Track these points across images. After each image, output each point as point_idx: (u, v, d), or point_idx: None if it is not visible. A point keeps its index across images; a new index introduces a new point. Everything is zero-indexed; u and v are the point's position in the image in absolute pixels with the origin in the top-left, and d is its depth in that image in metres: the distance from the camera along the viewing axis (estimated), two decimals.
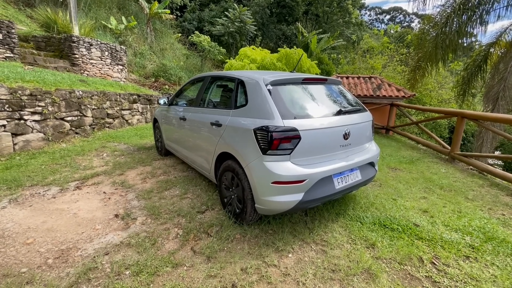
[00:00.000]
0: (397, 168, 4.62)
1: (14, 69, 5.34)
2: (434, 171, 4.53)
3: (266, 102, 2.29)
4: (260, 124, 2.22)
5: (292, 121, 2.18)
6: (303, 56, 10.62)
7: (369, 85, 8.63)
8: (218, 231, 2.50)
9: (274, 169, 2.13)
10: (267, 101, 2.28)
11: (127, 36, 13.79)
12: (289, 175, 2.11)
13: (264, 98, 2.32)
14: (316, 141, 2.27)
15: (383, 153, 5.56)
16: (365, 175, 2.68)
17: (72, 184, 3.52)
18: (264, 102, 2.30)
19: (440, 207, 3.13)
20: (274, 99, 2.30)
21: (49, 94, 4.96)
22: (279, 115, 2.19)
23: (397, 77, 14.55)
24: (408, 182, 3.93)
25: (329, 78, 2.81)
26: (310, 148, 2.25)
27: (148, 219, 2.73)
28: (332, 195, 2.36)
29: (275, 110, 2.21)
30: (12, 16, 9.70)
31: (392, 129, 8.03)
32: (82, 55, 8.53)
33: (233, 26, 18.77)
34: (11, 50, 6.68)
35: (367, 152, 2.79)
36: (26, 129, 4.58)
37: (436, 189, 3.73)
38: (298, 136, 2.16)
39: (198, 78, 3.64)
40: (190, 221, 2.69)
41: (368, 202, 3.16)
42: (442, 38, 8.36)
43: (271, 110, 2.22)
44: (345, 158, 2.51)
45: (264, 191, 2.20)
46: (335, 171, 2.36)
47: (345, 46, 24.25)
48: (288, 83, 2.51)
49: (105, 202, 3.09)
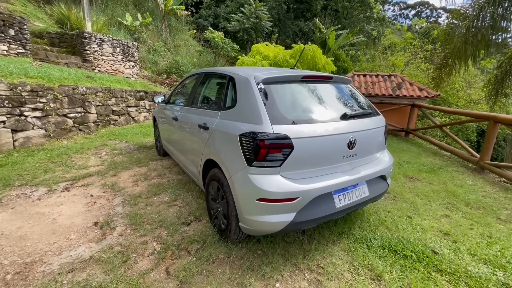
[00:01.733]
0: (415, 178, 4.11)
1: (20, 65, 5.34)
2: (459, 182, 3.98)
3: (255, 103, 1.95)
4: (246, 130, 1.90)
5: (284, 127, 1.83)
6: (315, 52, 10.09)
7: (388, 83, 8.00)
8: (200, 249, 2.21)
9: (260, 184, 1.79)
10: (256, 102, 1.95)
11: (142, 33, 13.87)
12: (277, 191, 1.77)
13: (253, 98, 1.98)
14: (313, 151, 1.91)
15: (400, 159, 5.03)
16: (374, 190, 2.28)
17: (62, 185, 3.37)
18: (253, 103, 1.96)
19: (465, 230, 2.66)
20: (266, 100, 1.96)
21: (51, 90, 4.90)
22: (269, 119, 1.84)
23: (421, 75, 13.59)
24: (428, 196, 3.45)
25: (335, 76, 2.42)
26: (306, 159, 1.89)
27: (128, 229, 2.49)
28: (332, 215, 1.99)
29: (264, 114, 1.87)
30: (30, 13, 9.93)
31: (413, 132, 7.40)
32: (94, 51, 8.56)
33: (248, 22, 18.41)
34: (23, 46, 6.76)
35: (378, 163, 2.38)
36: (26, 125, 4.53)
37: (461, 205, 3.22)
38: (290, 145, 1.81)
39: (192, 75, 3.36)
40: (172, 234, 2.41)
41: (378, 220, 2.74)
42: (473, 33, 7.55)
43: (260, 113, 1.88)
44: (349, 171, 2.13)
45: (248, 208, 1.88)
46: (336, 186, 1.99)
47: (365, 42, 23.15)
48: (284, 81, 2.15)
49: (89, 207, 2.90)
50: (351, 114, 2.14)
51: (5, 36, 6.34)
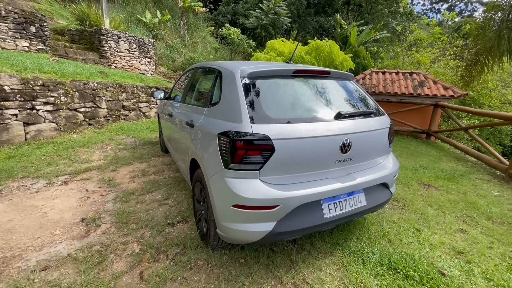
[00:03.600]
0: (431, 185, 3.74)
1: (37, 61, 5.54)
2: (482, 192, 3.56)
3: (236, 99, 1.78)
4: (225, 128, 1.73)
5: (265, 127, 1.65)
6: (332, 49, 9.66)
7: (410, 81, 7.45)
8: (179, 253, 2.09)
9: (236, 189, 1.63)
10: (237, 99, 1.78)
11: (160, 30, 14.09)
12: (254, 198, 1.59)
13: (236, 94, 1.81)
14: (298, 155, 1.70)
15: (416, 163, 4.63)
16: (372, 200, 2.03)
17: (61, 179, 3.41)
18: (235, 99, 1.79)
19: (483, 248, 2.32)
20: (249, 96, 1.78)
21: (62, 85, 5.02)
22: (249, 117, 1.67)
23: (449, 73, 12.62)
24: (442, 206, 3.10)
25: (334, 71, 2.18)
26: (289, 163, 1.70)
27: (113, 227, 2.44)
28: (319, 226, 1.78)
29: (244, 111, 1.70)
30: (55, 11, 10.39)
31: (435, 134, 6.84)
32: (111, 48, 8.78)
33: (267, 19, 18.15)
34: (43, 42, 7.04)
35: (379, 169, 2.12)
36: (38, 118, 4.68)
37: (481, 219, 2.85)
38: (270, 146, 1.62)
39: (188, 70, 3.25)
40: (155, 236, 2.32)
41: (380, 231, 2.48)
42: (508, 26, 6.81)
43: (240, 110, 1.71)
44: (342, 177, 1.90)
45: (223, 215, 1.72)
46: (326, 194, 1.78)
47: (390, 38, 22.01)
48: (272, 76, 1.96)
49: (82, 202, 2.89)
50: (345, 114, 1.90)
51: (26, 33, 6.63)
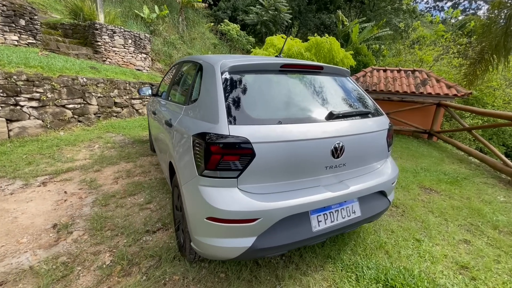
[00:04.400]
0: (432, 189, 3.52)
1: (24, 55, 5.33)
2: (487, 198, 3.34)
3: (214, 96, 1.57)
4: (201, 129, 1.53)
5: (244, 128, 1.44)
6: (333, 45, 9.41)
7: (412, 80, 7.21)
8: (153, 266, 1.90)
9: (211, 199, 1.42)
10: (215, 95, 1.57)
11: (158, 25, 13.84)
12: (230, 210, 1.39)
13: (214, 90, 1.60)
14: (282, 160, 1.50)
15: (417, 166, 4.41)
16: (368, 209, 1.83)
17: (40, 179, 3.22)
18: (213, 96, 1.58)
19: (489, 262, 2.12)
20: (228, 93, 1.57)
21: (49, 80, 4.82)
22: (226, 117, 1.46)
23: (453, 71, 12.34)
24: (445, 213, 2.89)
25: (327, 66, 1.97)
26: (273, 169, 1.49)
27: (86, 235, 2.24)
28: (307, 241, 1.58)
29: (222, 110, 1.49)
30: (49, 5, 10.17)
31: (437, 134, 6.61)
32: (105, 43, 8.55)
33: (267, 15, 17.86)
34: (34, 36, 6.82)
35: (376, 175, 1.91)
36: (22, 115, 4.48)
37: (486, 228, 2.64)
38: (250, 151, 1.41)
39: (175, 64, 3.04)
40: (131, 245, 2.12)
41: (377, 242, 2.27)
42: None
43: (217, 109, 1.50)
44: (333, 185, 1.69)
45: (197, 228, 1.52)
46: (314, 205, 1.57)
47: (393, 36, 21.68)
48: (256, 70, 1.75)
49: (57, 205, 2.70)
50: (338, 114, 1.68)
51: (15, 26, 6.41)
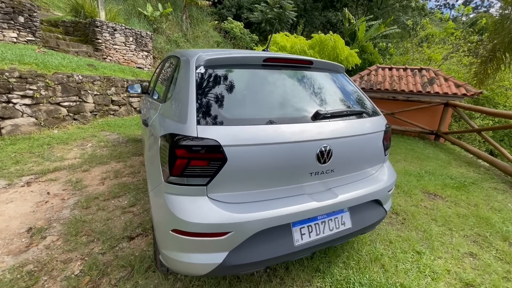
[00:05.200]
0: (437, 195, 3.30)
1: (20, 52, 5.27)
2: (497, 206, 3.10)
3: (186, 93, 1.41)
4: (169, 130, 1.37)
5: (215, 129, 1.27)
6: (337, 43, 9.15)
7: (418, 78, 6.92)
8: (124, 277, 1.75)
9: (176, 209, 1.26)
10: (187, 92, 1.40)
11: (162, 23, 13.77)
12: (197, 222, 1.23)
13: (186, 86, 1.44)
14: (259, 166, 1.32)
15: (421, 169, 4.17)
16: (360, 220, 1.64)
17: (24, 179, 3.12)
18: (185, 93, 1.42)
19: (497, 280, 1.90)
20: (202, 90, 1.40)
21: (43, 77, 4.73)
22: (196, 116, 1.29)
23: (463, 70, 11.91)
24: (449, 222, 2.67)
25: (318, 61, 1.78)
26: (248, 176, 1.32)
27: (59, 240, 2.11)
28: (288, 256, 1.40)
29: (191, 108, 1.32)
30: (52, 2, 10.18)
31: (445, 135, 6.32)
32: (106, 40, 8.49)
33: (272, 13, 17.64)
34: (33, 33, 6.78)
35: (370, 182, 1.72)
36: (15, 113, 4.41)
37: (495, 239, 2.42)
38: (220, 155, 1.24)
39: (163, 59, 2.88)
40: (105, 252, 1.98)
41: (373, 253, 2.08)
42: None
43: (187, 107, 1.34)
44: (320, 193, 1.51)
45: (163, 240, 1.36)
46: (297, 216, 1.40)
47: (401, 34, 21.19)
48: (236, 64, 1.57)
49: (37, 207, 2.58)
50: (326, 114, 1.50)
51: (14, 23, 6.37)
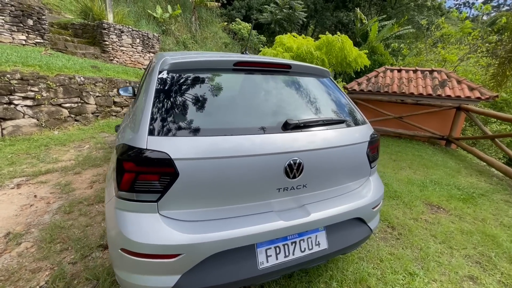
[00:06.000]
0: (440, 207, 3.06)
1: (26, 54, 5.39)
2: (507, 221, 2.84)
3: (144, 99, 1.31)
4: (122, 140, 1.27)
5: (167, 140, 1.16)
6: (345, 44, 8.90)
7: (429, 80, 6.59)
8: None
9: (123, 227, 1.16)
10: (146, 99, 1.31)
11: (171, 25, 13.92)
12: (143, 242, 1.12)
13: (146, 92, 1.34)
14: (217, 181, 1.20)
15: (426, 177, 3.91)
16: (338, 240, 1.48)
17: (15, 181, 3.13)
18: (144, 99, 1.33)
19: None
20: (161, 96, 1.30)
21: (44, 79, 4.80)
22: (148, 126, 1.19)
23: (480, 72, 11.34)
24: (451, 238, 2.44)
25: (297, 65, 1.64)
26: (205, 193, 1.20)
27: (34, 247, 2.07)
28: (252, 280, 1.27)
29: (145, 117, 1.22)
30: (64, 6, 10.46)
31: (456, 141, 5.97)
32: (113, 42, 8.62)
33: (281, 13, 17.50)
34: (41, 36, 6.96)
35: (351, 198, 1.56)
36: (16, 114, 4.49)
37: (501, 261, 2.19)
38: (171, 169, 1.13)
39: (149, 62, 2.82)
40: (76, 262, 1.92)
41: (359, 273, 1.91)
42: None
43: (141, 115, 1.24)
44: (289, 211, 1.37)
45: (114, 259, 1.26)
46: (261, 236, 1.26)
47: (415, 34, 20.52)
48: (204, 69, 1.46)
49: (21, 211, 2.56)
50: (296, 123, 1.35)
51: (23, 26, 6.55)
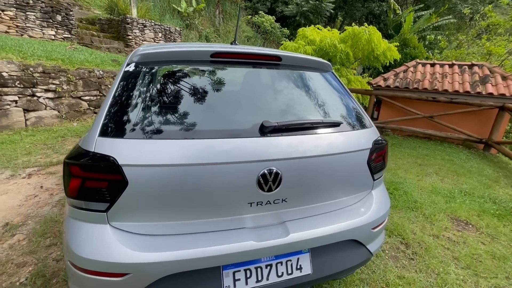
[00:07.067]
0: (469, 223, 2.65)
1: (51, 48, 5.65)
2: None
3: (107, 96, 1.18)
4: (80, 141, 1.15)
5: (116, 143, 1.01)
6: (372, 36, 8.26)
7: (467, 76, 5.87)
8: None
9: (70, 237, 1.05)
10: (108, 95, 1.18)
11: (194, 19, 13.99)
12: (85, 257, 0.99)
13: (111, 88, 1.21)
14: (176, 192, 1.04)
15: (455, 186, 3.44)
16: (325, 265, 1.26)
17: (28, 171, 3.25)
18: (107, 96, 1.20)
19: None
20: (124, 92, 1.16)
21: (65, 72, 4.99)
22: (101, 125, 1.05)
23: None
24: (477, 263, 2.07)
25: (289, 56, 1.40)
26: (161, 204, 1.04)
27: (25, 240, 2.08)
28: None
29: (101, 115, 1.09)
30: (93, 2, 10.90)
31: (497, 145, 5.27)
32: (136, 36, 8.81)
33: (307, 5, 16.82)
34: (69, 31, 7.28)
35: (343, 217, 1.31)
36: (38, 105, 4.71)
37: None
38: (118, 176, 0.98)
39: None
40: (60, 259, 1.89)
41: None
42: None
43: (100, 114, 1.11)
44: (265, 229, 1.17)
45: (67, 269, 1.16)
46: (228, 258, 1.08)
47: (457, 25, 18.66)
48: (176, 61, 1.29)
49: (25, 201, 2.63)
50: (275, 126, 1.13)
51: (52, 21, 6.89)
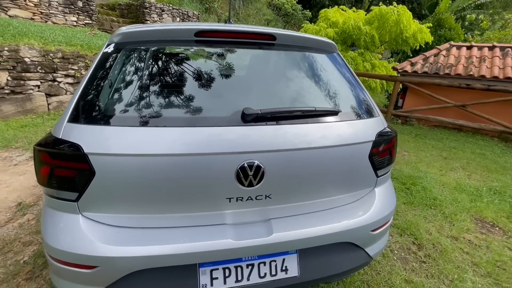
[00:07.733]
0: (495, 225, 2.37)
1: (72, 34, 5.79)
2: None
3: (81, 82, 1.12)
4: None
5: (83, 129, 0.95)
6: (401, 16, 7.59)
7: (510, 60, 5.21)
8: None
9: (44, 226, 1.03)
10: (82, 81, 1.11)
11: (213, 3, 13.74)
12: (54, 247, 0.96)
13: (86, 73, 1.15)
14: (149, 184, 0.96)
15: (485, 184, 3.10)
16: (315, 268, 1.14)
17: None
18: (81, 81, 1.13)
19: None
20: (99, 75, 1.09)
21: (83, 58, 5.10)
22: (72, 110, 0.99)
23: None
24: (500, 271, 1.84)
25: (285, 35, 1.24)
26: (133, 196, 0.98)
27: (34, 220, 2.17)
28: None
29: (73, 100, 1.03)
30: None
31: None
32: (154, 21, 8.82)
33: None
34: (90, 17, 7.43)
35: (338, 217, 1.18)
36: (59, 90, 4.90)
37: None
38: (85, 165, 0.92)
39: None
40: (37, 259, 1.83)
41: None
42: None
43: (70, 101, 1.05)
44: (248, 226, 1.08)
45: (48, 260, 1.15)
46: (204, 257, 1.01)
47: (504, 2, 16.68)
48: (157, 41, 1.18)
49: None
50: (257, 114, 1.00)
51: (74, 8, 7.04)
